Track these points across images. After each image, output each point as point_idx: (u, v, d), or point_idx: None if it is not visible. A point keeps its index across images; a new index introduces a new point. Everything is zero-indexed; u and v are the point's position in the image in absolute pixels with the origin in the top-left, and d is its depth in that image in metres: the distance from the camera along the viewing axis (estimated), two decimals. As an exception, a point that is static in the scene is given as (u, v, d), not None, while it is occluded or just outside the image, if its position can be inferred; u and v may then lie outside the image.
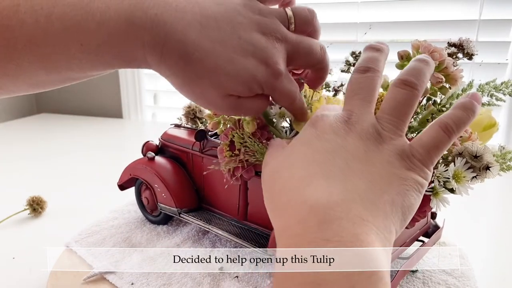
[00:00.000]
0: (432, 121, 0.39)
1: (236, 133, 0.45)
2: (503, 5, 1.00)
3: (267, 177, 0.30)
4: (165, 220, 0.58)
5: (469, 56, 0.42)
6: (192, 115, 0.59)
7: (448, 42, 0.44)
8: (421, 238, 0.48)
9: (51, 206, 0.68)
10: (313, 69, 0.36)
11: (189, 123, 0.60)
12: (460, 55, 0.44)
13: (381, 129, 0.27)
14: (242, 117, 0.44)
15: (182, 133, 0.59)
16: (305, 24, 0.34)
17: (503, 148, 0.40)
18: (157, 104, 1.39)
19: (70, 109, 1.49)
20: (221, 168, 0.46)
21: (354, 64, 0.46)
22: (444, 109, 0.38)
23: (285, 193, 0.27)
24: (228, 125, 0.45)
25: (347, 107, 0.29)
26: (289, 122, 0.48)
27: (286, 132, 0.47)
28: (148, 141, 0.60)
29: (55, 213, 0.67)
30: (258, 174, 0.45)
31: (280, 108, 0.46)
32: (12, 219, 0.64)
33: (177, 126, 0.61)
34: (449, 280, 0.46)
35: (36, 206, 0.65)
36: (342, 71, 0.47)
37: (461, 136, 0.40)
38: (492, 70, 1.01)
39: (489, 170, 0.35)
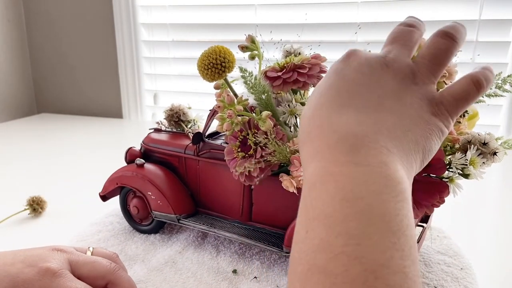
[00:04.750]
0: None
1: (250, 132, 0.45)
2: (503, 5, 1.00)
3: (307, 103, 0.31)
4: (157, 228, 0.56)
5: None
6: (176, 118, 0.58)
7: None
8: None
9: (51, 206, 0.68)
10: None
11: (171, 127, 0.59)
12: None
13: (417, 72, 0.29)
14: (256, 116, 0.44)
15: (168, 137, 0.57)
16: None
17: (489, 134, 0.43)
18: (157, 104, 1.39)
19: (70, 109, 1.49)
20: (232, 170, 0.46)
21: None
22: None
23: (316, 120, 0.28)
24: (240, 126, 0.45)
25: (385, 48, 0.30)
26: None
27: (291, 129, 0.47)
28: (131, 148, 0.58)
29: (55, 213, 0.67)
30: (274, 173, 0.45)
31: (288, 106, 0.46)
32: (12, 219, 0.64)
33: (158, 130, 0.59)
34: (446, 259, 0.50)
35: (36, 206, 0.65)
36: None
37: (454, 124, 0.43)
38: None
39: (496, 155, 0.39)
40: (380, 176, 0.23)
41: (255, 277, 0.47)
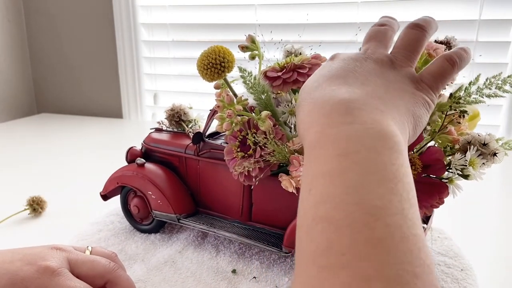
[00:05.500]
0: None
1: (249, 132, 0.45)
2: (503, 5, 1.00)
3: (300, 94, 0.34)
4: (158, 228, 0.56)
5: None
6: (176, 118, 0.58)
7: (435, 40, 0.45)
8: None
9: (51, 206, 0.68)
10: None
11: (172, 127, 0.59)
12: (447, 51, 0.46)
13: (394, 59, 0.32)
14: (255, 116, 0.44)
15: (169, 137, 0.57)
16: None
17: (489, 135, 0.42)
18: (157, 104, 1.39)
19: (70, 109, 1.49)
20: (231, 170, 0.46)
21: None
22: (461, 101, 0.40)
23: (311, 100, 0.30)
24: (239, 126, 0.45)
25: (363, 47, 0.34)
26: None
27: (290, 129, 0.47)
28: (132, 147, 0.59)
29: (55, 213, 0.67)
30: (273, 173, 0.45)
31: (288, 106, 0.46)
32: (12, 219, 0.64)
33: (159, 130, 0.59)
34: (447, 260, 0.50)
35: (36, 206, 0.65)
36: None
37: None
38: (492, 70, 1.01)
39: (496, 155, 0.39)
40: (373, 132, 0.25)
41: (254, 277, 0.47)
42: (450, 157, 0.40)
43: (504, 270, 0.51)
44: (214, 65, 0.43)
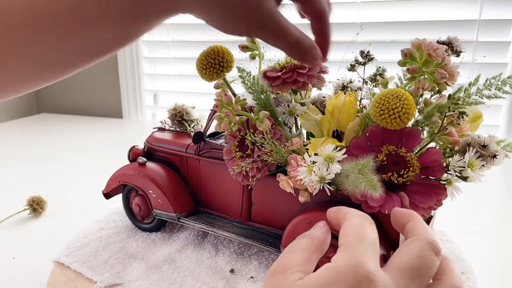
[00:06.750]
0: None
1: (247, 132, 0.45)
2: (503, 5, 1.00)
3: None
4: (159, 226, 0.57)
5: (457, 53, 0.44)
6: (179, 117, 0.58)
7: (437, 41, 0.45)
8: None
9: (51, 206, 0.68)
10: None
11: (174, 126, 0.59)
12: (449, 52, 0.45)
13: None
14: (253, 116, 0.44)
15: (171, 136, 0.57)
16: None
17: (490, 137, 0.42)
18: (157, 104, 1.39)
19: (70, 109, 1.49)
20: (229, 169, 0.46)
21: (364, 63, 0.46)
22: (459, 102, 0.39)
23: None
24: (238, 126, 0.45)
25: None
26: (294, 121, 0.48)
27: (290, 130, 0.47)
28: (134, 146, 0.59)
29: (55, 213, 0.67)
30: (273, 173, 0.45)
31: (288, 106, 0.46)
32: (12, 219, 0.64)
33: (161, 129, 0.60)
34: None
35: (36, 206, 0.65)
36: (349, 69, 0.47)
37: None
38: (492, 70, 1.01)
39: (496, 158, 0.39)
40: None
41: (252, 277, 0.47)
42: (449, 159, 0.40)
43: (505, 273, 0.51)
44: (213, 65, 0.43)
